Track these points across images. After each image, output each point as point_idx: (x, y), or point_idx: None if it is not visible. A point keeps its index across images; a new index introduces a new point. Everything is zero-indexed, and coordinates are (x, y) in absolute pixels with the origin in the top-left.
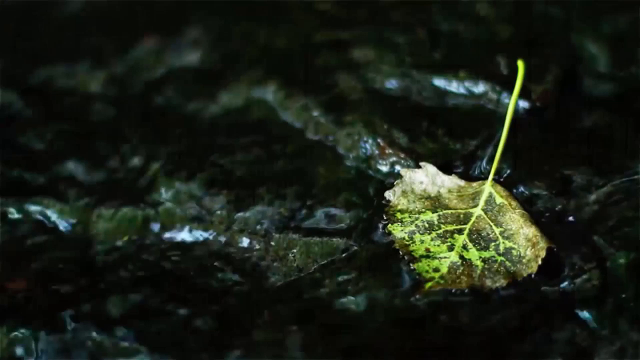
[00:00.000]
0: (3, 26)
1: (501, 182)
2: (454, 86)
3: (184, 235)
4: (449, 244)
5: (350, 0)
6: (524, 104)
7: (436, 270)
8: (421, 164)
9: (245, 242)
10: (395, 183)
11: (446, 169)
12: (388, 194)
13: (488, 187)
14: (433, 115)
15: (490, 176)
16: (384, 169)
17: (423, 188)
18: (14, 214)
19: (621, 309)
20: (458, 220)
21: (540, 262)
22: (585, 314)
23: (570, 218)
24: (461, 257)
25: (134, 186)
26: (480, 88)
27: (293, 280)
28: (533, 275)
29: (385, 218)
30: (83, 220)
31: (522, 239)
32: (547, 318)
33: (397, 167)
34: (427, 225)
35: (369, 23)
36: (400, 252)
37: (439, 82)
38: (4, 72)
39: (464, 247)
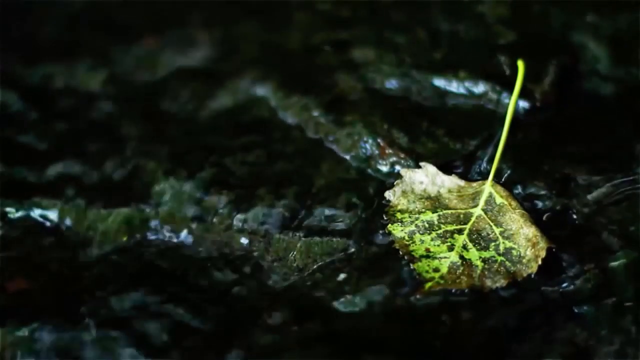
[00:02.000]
0: (3, 26)
1: (501, 182)
2: (454, 86)
3: (184, 235)
4: (449, 244)
5: (350, 0)
6: (524, 104)
7: (436, 270)
8: (421, 164)
9: (245, 242)
10: (395, 183)
11: (446, 169)
12: (388, 194)
13: (488, 187)
14: (433, 115)
15: (490, 176)
16: (384, 169)
17: (423, 188)
18: (14, 214)
19: (621, 309)
20: (458, 220)
21: (540, 262)
22: (585, 314)
23: (570, 218)
24: (461, 257)
25: (134, 186)
26: (480, 88)
27: (293, 280)
28: (533, 275)
29: (385, 218)
30: (83, 220)
31: (522, 239)
32: (547, 318)
33: (397, 167)
34: (427, 225)
35: (369, 23)
36: (400, 252)
37: (439, 82)
38: (4, 72)
39: (464, 247)
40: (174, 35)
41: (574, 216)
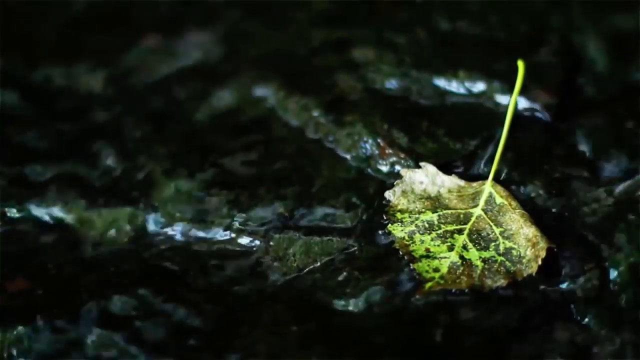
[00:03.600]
0: (3, 26)
1: (501, 182)
2: (454, 86)
3: (184, 235)
4: (449, 244)
5: (350, 0)
6: (524, 104)
7: (436, 270)
8: (421, 164)
9: (245, 242)
10: (395, 183)
11: (446, 169)
12: (388, 194)
13: (488, 187)
14: (433, 115)
15: (490, 176)
16: (384, 169)
17: (423, 188)
18: (14, 213)
19: (621, 309)
20: (458, 220)
21: (540, 262)
22: (585, 314)
23: (570, 218)
24: (461, 257)
25: (134, 186)
26: (480, 88)
27: (293, 280)
28: (533, 275)
29: (385, 218)
30: (83, 220)
31: (522, 239)
32: (547, 318)
33: (397, 167)
34: (427, 225)
35: (369, 23)
36: (400, 252)
37: (439, 81)
38: (4, 72)
39: (464, 247)
40: (174, 35)
41: (574, 216)
